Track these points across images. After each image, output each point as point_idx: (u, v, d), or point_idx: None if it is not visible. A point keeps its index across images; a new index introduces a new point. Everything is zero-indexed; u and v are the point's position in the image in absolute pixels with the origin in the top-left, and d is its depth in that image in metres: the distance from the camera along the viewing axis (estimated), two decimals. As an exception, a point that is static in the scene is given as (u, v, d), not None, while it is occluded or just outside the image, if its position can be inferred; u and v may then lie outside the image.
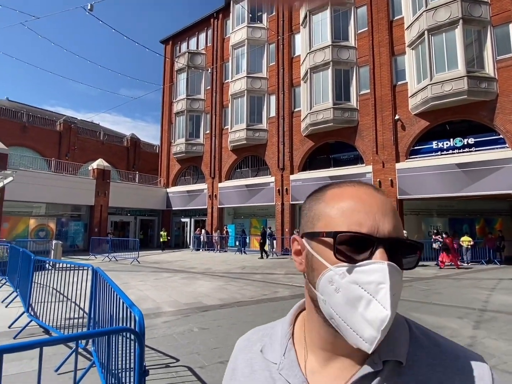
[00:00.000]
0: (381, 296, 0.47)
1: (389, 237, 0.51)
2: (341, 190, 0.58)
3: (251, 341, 0.71)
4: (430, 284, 9.65)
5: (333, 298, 0.51)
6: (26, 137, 25.23)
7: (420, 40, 15.31)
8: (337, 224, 0.53)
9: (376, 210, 0.53)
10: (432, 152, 15.28)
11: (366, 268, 0.49)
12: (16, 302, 6.48)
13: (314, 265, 0.56)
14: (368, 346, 0.48)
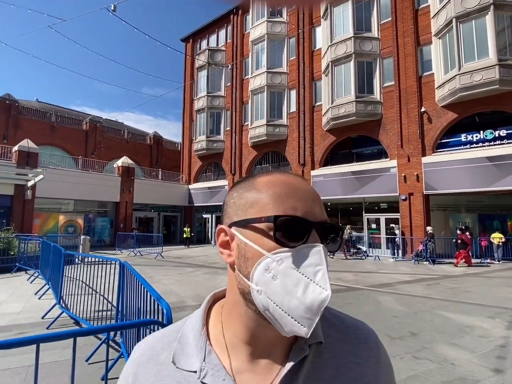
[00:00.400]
0: (319, 277, 0.48)
1: (320, 221, 0.52)
2: (271, 177, 0.57)
3: (155, 350, 0.59)
4: (458, 282, 9.31)
5: (270, 286, 0.49)
6: (54, 136, 26.27)
7: (447, 29, 14.67)
8: (273, 209, 0.52)
9: (307, 196, 0.54)
10: (461, 145, 14.66)
11: (304, 252, 0.49)
12: (48, 294, 6.77)
13: (247, 255, 0.53)
14: (306, 330, 0.48)
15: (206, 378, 0.53)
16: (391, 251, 15.34)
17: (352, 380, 0.56)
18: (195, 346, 0.56)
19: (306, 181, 0.58)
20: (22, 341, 1.75)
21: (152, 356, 0.58)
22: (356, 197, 17.46)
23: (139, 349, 0.61)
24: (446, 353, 4.16)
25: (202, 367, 0.54)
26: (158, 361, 0.57)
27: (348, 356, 0.58)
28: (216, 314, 0.61)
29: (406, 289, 8.22)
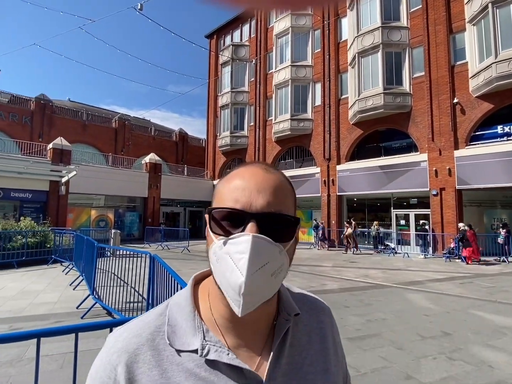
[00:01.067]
0: (241, 264, 0.51)
1: (261, 212, 0.55)
2: (235, 171, 0.62)
3: (142, 337, 0.58)
4: (494, 281, 8.86)
5: (216, 268, 0.56)
6: (86, 134, 27.32)
7: (483, 15, 13.85)
8: (223, 201, 0.58)
9: (253, 187, 0.57)
10: (497, 137, 13.87)
11: (235, 240, 0.54)
12: (82, 285, 7.08)
13: (208, 239, 0.60)
14: (237, 309, 0.52)
15: (210, 355, 0.56)
16: (421, 248, 14.83)
17: (320, 342, 0.68)
18: (189, 327, 0.59)
19: (269, 171, 0.61)
20: (64, 330, 1.82)
21: (143, 343, 0.57)
22: (384, 192, 16.99)
23: (122, 338, 0.58)
24: (483, 354, 3.97)
25: (203, 345, 0.57)
26: (151, 347, 0.57)
27: (314, 323, 0.70)
28: (202, 295, 0.64)
29: (437, 288, 7.92)
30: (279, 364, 0.60)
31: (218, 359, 0.56)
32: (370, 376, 3.39)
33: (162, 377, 0.55)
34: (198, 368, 0.55)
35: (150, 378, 0.54)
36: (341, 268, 11.00)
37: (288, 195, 0.61)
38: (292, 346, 0.63)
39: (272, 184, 0.58)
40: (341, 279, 8.97)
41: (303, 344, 0.65)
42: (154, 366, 0.55)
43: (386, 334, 4.65)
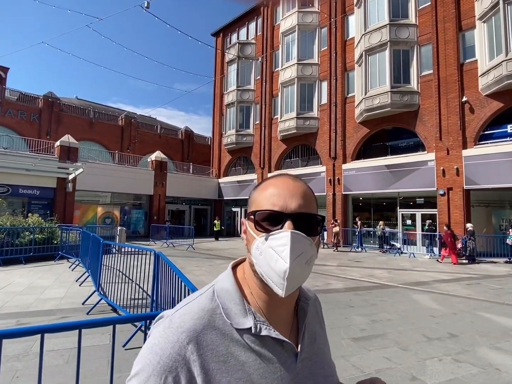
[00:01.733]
0: (284, 254, 0.64)
1: (295, 212, 0.68)
2: (268, 182, 0.75)
3: (205, 319, 0.67)
4: (502, 282, 8.74)
5: (259, 259, 0.67)
6: (93, 132, 27.52)
7: (493, 11, 13.63)
8: (261, 206, 0.71)
9: (286, 193, 0.70)
10: (507, 136, 13.66)
11: (276, 235, 0.66)
12: (88, 281, 7.14)
13: (249, 238, 0.73)
14: (280, 291, 0.65)
15: (262, 331, 0.68)
16: (427, 248, 14.69)
17: (317, 322, 0.86)
18: (240, 310, 0.69)
19: (296, 180, 0.75)
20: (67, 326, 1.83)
21: (206, 324, 0.66)
22: (390, 192, 16.85)
23: (187, 319, 0.66)
24: (490, 357, 3.91)
25: (255, 324, 0.68)
26: (214, 327, 0.66)
27: (313, 307, 0.86)
28: (242, 282, 0.75)
29: (444, 288, 7.84)
30: (304, 338, 0.76)
31: (268, 334, 0.68)
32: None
33: (227, 351, 0.65)
34: (252, 343, 0.67)
35: (217, 353, 0.64)
36: (346, 268, 10.94)
37: (312, 199, 0.74)
38: (308, 324, 0.79)
39: (301, 190, 0.72)
40: (346, 279, 8.92)
41: (312, 322, 0.82)
42: (220, 343, 0.65)
43: (391, 334, 4.61)
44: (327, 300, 6.43)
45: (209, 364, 0.63)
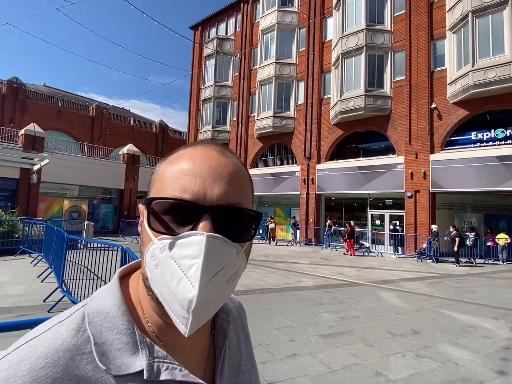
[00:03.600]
0: (191, 272, 0.41)
1: (217, 204, 0.45)
2: (182, 152, 0.50)
3: (59, 366, 0.40)
4: (462, 281, 9.22)
5: (154, 275, 0.44)
6: (61, 121, 26.27)
7: (463, 23, 14.29)
8: (165, 189, 0.46)
9: (207, 174, 0.46)
10: (471, 143, 14.41)
11: (184, 240, 0.43)
12: (51, 278, 6.80)
13: (144, 237, 0.48)
14: (183, 328, 0.42)
15: (161, 375, 0.45)
16: (394, 248, 15.25)
17: (244, 339, 0.65)
18: (126, 344, 0.45)
19: (225, 155, 0.50)
20: (23, 324, 1.73)
21: (60, 375, 0.40)
22: (361, 193, 17.32)
23: (22, 372, 0.39)
24: (449, 352, 4.10)
25: (150, 364, 0.44)
26: (76, 377, 0.41)
27: (237, 320, 0.67)
28: (133, 299, 0.51)
29: (409, 287, 8.16)
30: (223, 369, 0.55)
31: (172, 378, 0.45)
32: (340, 373, 3.42)
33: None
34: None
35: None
36: (317, 266, 11.13)
37: (246, 184, 0.50)
38: (229, 348, 0.59)
39: (230, 171, 0.48)
40: (317, 277, 9.07)
41: (235, 343, 0.62)
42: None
43: (358, 331, 4.73)
44: (297, 298, 6.50)
45: None
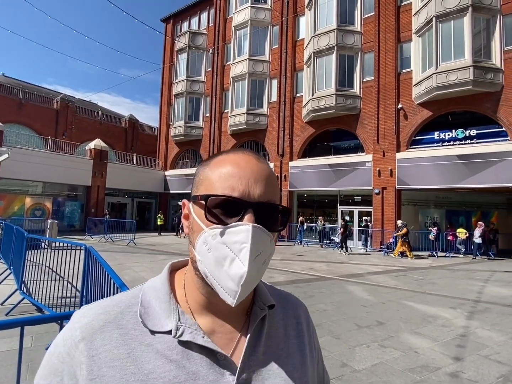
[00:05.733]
0: (242, 254, 0.51)
1: (258, 201, 0.55)
2: (224, 157, 0.60)
3: (111, 314, 0.56)
4: (424, 274, 9.70)
5: (206, 257, 0.54)
6: (22, 114, 24.81)
7: (427, 27, 14.94)
8: (214, 188, 0.56)
9: (249, 176, 0.56)
10: (434, 142, 15.15)
11: (234, 229, 0.53)
12: (10, 279, 6.43)
13: (194, 228, 0.59)
14: (231, 299, 0.52)
15: (184, 336, 0.54)
16: (362, 242, 15.78)
17: (296, 336, 0.67)
18: (163, 309, 0.57)
19: (261, 160, 0.61)
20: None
21: (110, 320, 0.55)
22: (332, 190, 17.74)
23: (89, 314, 0.56)
24: (411, 341, 4.31)
25: (178, 326, 0.55)
26: (119, 325, 0.55)
27: (291, 317, 0.69)
28: (178, 282, 0.64)
29: (375, 280, 8.47)
30: (256, 352, 0.59)
31: (192, 340, 0.54)
32: (308, 366, 3.50)
33: (129, 356, 0.52)
34: (170, 350, 0.54)
35: (115, 356, 0.52)
36: (289, 261, 11.30)
37: (276, 185, 0.61)
38: (269, 336, 0.63)
39: (266, 174, 0.59)
40: (288, 272, 9.21)
41: (280, 336, 0.65)
42: (120, 345, 0.53)
43: (326, 324, 4.86)
44: (268, 294, 6.57)
45: (101, 369, 0.51)
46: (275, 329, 0.65)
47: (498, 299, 6.78)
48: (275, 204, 0.58)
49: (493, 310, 5.96)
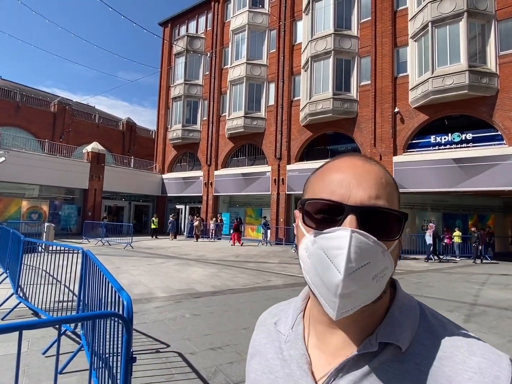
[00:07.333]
0: (338, 261, 0.47)
1: (361, 205, 0.50)
2: (330, 164, 0.58)
3: (271, 314, 0.74)
4: (421, 277, 9.73)
5: (306, 264, 0.53)
6: (19, 117, 24.75)
7: (423, 32, 15.08)
8: (315, 194, 0.55)
9: (351, 179, 0.52)
10: (430, 146, 15.24)
11: (331, 235, 0.49)
12: (6, 283, 6.38)
13: (299, 234, 0.58)
14: (331, 312, 0.49)
15: (288, 342, 0.62)
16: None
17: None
18: (292, 317, 0.66)
19: (368, 162, 0.56)
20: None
21: (267, 318, 0.73)
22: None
23: (265, 312, 0.77)
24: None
25: (289, 333, 0.63)
26: (269, 322, 0.71)
27: (442, 379, 0.47)
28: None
29: (373, 283, 8.46)
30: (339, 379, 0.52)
31: (288, 349, 0.61)
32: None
33: (265, 342, 0.68)
34: (282, 346, 0.64)
35: (258, 341, 0.70)
36: (286, 265, 11.29)
37: (391, 188, 0.55)
38: (376, 380, 0.50)
39: (374, 176, 0.53)
40: (286, 275, 9.20)
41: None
42: (264, 337, 0.69)
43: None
44: (266, 297, 6.57)
45: (253, 346, 0.71)
46: (394, 378, 0.49)
47: (495, 302, 6.80)
48: (384, 208, 0.51)
49: (490, 313, 5.98)
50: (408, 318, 0.55)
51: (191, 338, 4.25)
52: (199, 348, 3.93)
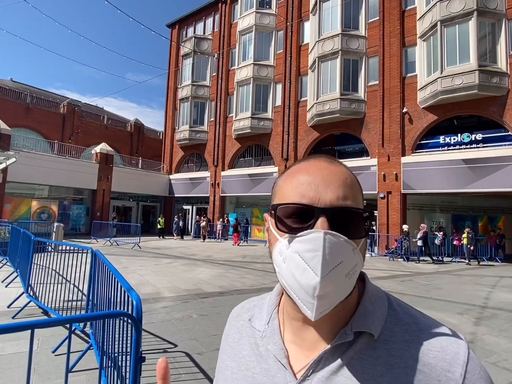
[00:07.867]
0: (314, 263, 0.49)
1: (330, 206, 0.52)
2: (297, 166, 0.60)
3: (243, 309, 0.74)
4: (430, 279, 9.61)
5: (282, 268, 0.53)
6: (29, 118, 25.13)
7: (432, 32, 14.93)
8: (285, 198, 0.56)
9: (319, 181, 0.54)
10: (439, 147, 15.07)
11: (305, 237, 0.51)
12: (16, 282, 6.49)
13: (271, 239, 0.59)
14: (310, 313, 0.50)
15: (264, 338, 0.63)
16: (368, 247, 15.69)
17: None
18: (266, 312, 0.66)
19: (334, 164, 0.58)
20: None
21: (240, 314, 0.73)
22: (337, 194, 17.65)
23: (236, 307, 0.77)
24: (417, 347, 4.26)
25: (265, 329, 0.64)
26: (242, 318, 0.71)
27: (411, 360, 0.52)
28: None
29: (381, 285, 8.38)
30: (316, 369, 0.54)
31: (266, 344, 0.62)
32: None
33: (239, 339, 0.68)
34: (257, 342, 0.64)
35: (232, 338, 0.69)
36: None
37: (356, 188, 0.58)
38: (352, 368, 0.53)
39: (340, 177, 0.56)
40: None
41: (373, 375, 0.52)
42: (237, 332, 0.69)
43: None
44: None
45: (226, 343, 0.70)
46: (368, 364, 0.53)
47: (506, 305, 6.69)
48: (352, 208, 0.54)
49: (501, 316, 5.89)
50: (378, 308, 0.58)
51: (198, 338, 4.26)
52: (207, 349, 3.94)
